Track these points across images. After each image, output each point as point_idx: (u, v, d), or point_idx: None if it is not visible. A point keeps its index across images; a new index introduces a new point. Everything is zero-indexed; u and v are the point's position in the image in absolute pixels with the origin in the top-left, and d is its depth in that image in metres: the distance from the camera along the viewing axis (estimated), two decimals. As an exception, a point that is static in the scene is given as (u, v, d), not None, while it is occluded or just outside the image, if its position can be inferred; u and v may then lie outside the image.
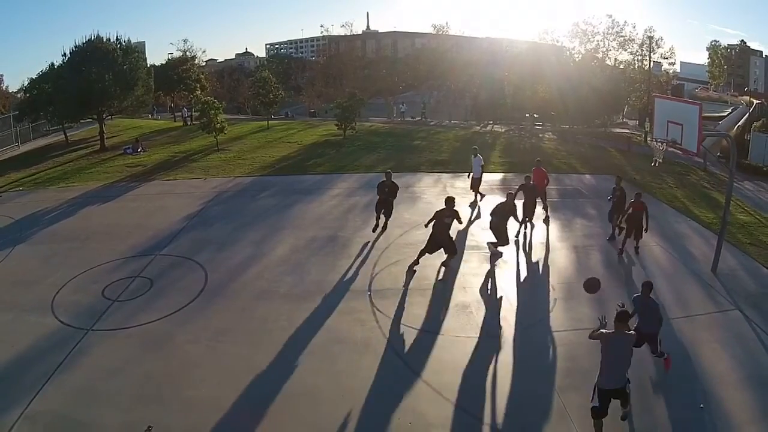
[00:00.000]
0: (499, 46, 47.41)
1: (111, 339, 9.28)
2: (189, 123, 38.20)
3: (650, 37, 44.94)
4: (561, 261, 12.69)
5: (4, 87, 64.80)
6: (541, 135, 34.84)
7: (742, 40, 76.00)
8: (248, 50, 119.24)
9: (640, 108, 45.23)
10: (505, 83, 42.08)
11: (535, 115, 44.57)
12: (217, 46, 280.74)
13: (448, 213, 11.51)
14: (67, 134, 33.56)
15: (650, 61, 46.18)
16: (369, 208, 15.87)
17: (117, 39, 30.15)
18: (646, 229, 12.67)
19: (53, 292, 10.91)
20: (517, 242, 13.64)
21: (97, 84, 27.87)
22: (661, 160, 12.90)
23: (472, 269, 12.04)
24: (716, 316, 9.86)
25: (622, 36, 43.92)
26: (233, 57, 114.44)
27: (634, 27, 48.35)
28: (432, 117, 42.49)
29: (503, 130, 36.11)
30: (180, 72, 41.02)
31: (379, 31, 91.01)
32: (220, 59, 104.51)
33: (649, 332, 7.97)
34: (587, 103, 40.51)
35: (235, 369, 8.33)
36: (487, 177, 21.17)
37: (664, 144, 11.94)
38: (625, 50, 44.38)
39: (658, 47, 45.67)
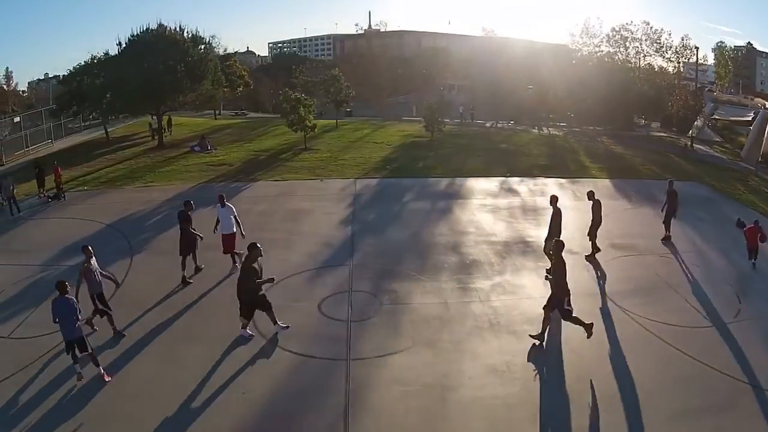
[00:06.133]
0: (546, 52, 47.51)
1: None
2: (162, 133, 30.09)
3: (685, 47, 45.95)
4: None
5: (13, 85, 62.31)
6: (599, 139, 34.78)
7: (749, 42, 78.10)
8: (250, 49, 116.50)
9: (673, 112, 45.79)
10: (551, 87, 42.02)
11: (571, 115, 44.69)
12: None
13: None
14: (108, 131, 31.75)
15: (678, 67, 47.14)
16: (523, 212, 15.98)
17: (180, 28, 28.47)
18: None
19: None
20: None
21: (166, 75, 26.43)
22: None
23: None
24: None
25: (658, 43, 44.60)
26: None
27: (670, 35, 49.21)
28: (477, 118, 42.25)
29: (562, 134, 36.02)
30: (224, 68, 39.70)
31: (406, 29, 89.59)
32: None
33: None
34: (634, 107, 41.18)
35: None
36: (630, 185, 20.30)
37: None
38: (662, 56, 45.14)
39: (692, 54, 46.66)
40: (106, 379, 8.09)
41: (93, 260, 9.21)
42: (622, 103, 40.60)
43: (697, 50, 46.50)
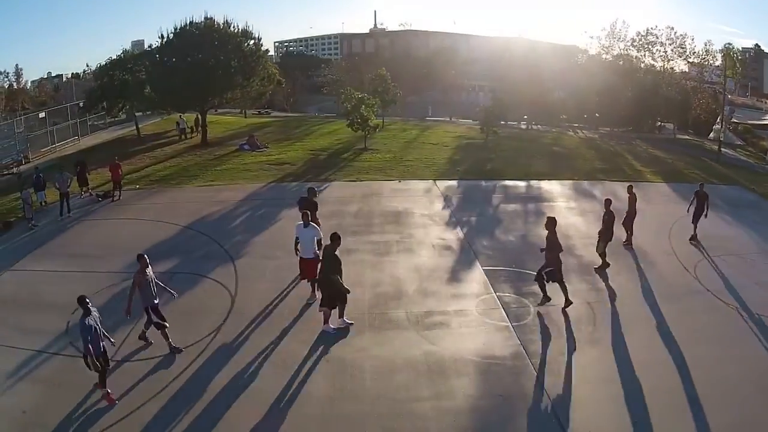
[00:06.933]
0: (567, 53, 47.98)
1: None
2: (187, 136, 30.54)
3: (708, 51, 46.48)
4: None
5: (22, 82, 61.55)
6: (634, 142, 35.21)
7: (757, 44, 78.81)
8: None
9: (695, 115, 46.44)
10: (578, 89, 42.51)
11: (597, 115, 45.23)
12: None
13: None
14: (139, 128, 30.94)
15: (701, 70, 47.60)
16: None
17: (226, 22, 27.46)
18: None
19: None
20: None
21: (217, 70, 25.73)
22: None
23: None
24: None
25: (682, 48, 45.14)
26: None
27: (693, 39, 49.86)
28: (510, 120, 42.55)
29: (597, 136, 36.44)
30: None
31: (411, 29, 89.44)
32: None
33: None
34: (660, 110, 41.85)
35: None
36: (685, 188, 20.12)
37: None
38: (685, 61, 45.64)
39: (715, 60, 47.27)
40: (113, 399, 7.73)
41: (149, 270, 8.72)
42: (650, 106, 41.35)
43: (724, 57, 47.04)
